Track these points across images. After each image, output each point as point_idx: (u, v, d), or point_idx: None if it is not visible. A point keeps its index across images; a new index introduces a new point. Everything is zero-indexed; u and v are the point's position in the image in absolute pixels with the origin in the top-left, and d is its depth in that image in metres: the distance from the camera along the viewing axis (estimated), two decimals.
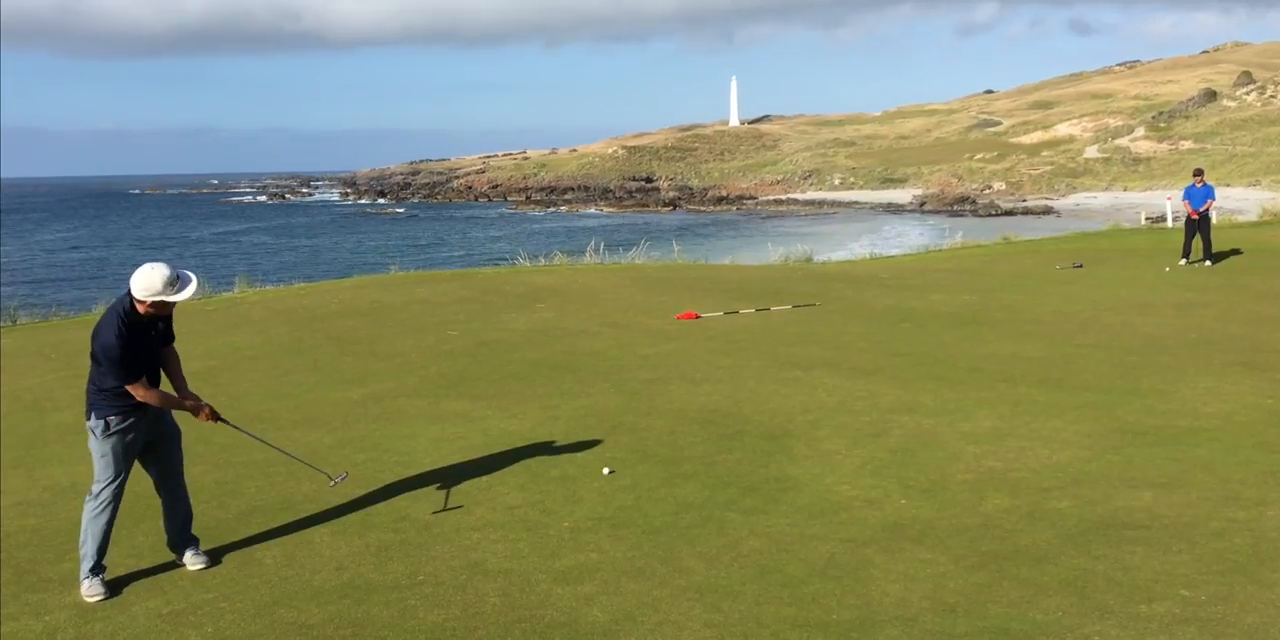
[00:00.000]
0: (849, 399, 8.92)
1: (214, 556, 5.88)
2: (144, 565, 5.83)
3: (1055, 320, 12.80)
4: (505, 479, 7.10)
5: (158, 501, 6.88)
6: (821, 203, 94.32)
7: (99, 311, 16.53)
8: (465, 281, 17.44)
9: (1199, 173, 19.32)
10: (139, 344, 5.48)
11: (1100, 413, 8.11)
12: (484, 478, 7.14)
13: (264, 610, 5.16)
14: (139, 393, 5.47)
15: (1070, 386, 9.06)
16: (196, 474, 7.49)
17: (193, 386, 10.42)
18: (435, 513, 6.41)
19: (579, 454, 7.58)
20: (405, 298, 15.74)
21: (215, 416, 5.87)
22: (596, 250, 22.09)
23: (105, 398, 5.51)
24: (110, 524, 5.59)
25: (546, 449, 7.76)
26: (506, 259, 24.91)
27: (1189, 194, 18.87)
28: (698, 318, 13.50)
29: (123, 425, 5.54)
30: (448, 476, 7.19)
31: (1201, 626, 4.55)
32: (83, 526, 5.58)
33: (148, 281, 5.41)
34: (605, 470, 7.10)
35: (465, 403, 9.32)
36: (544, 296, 15.61)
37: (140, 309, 5.49)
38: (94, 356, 5.51)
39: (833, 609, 4.87)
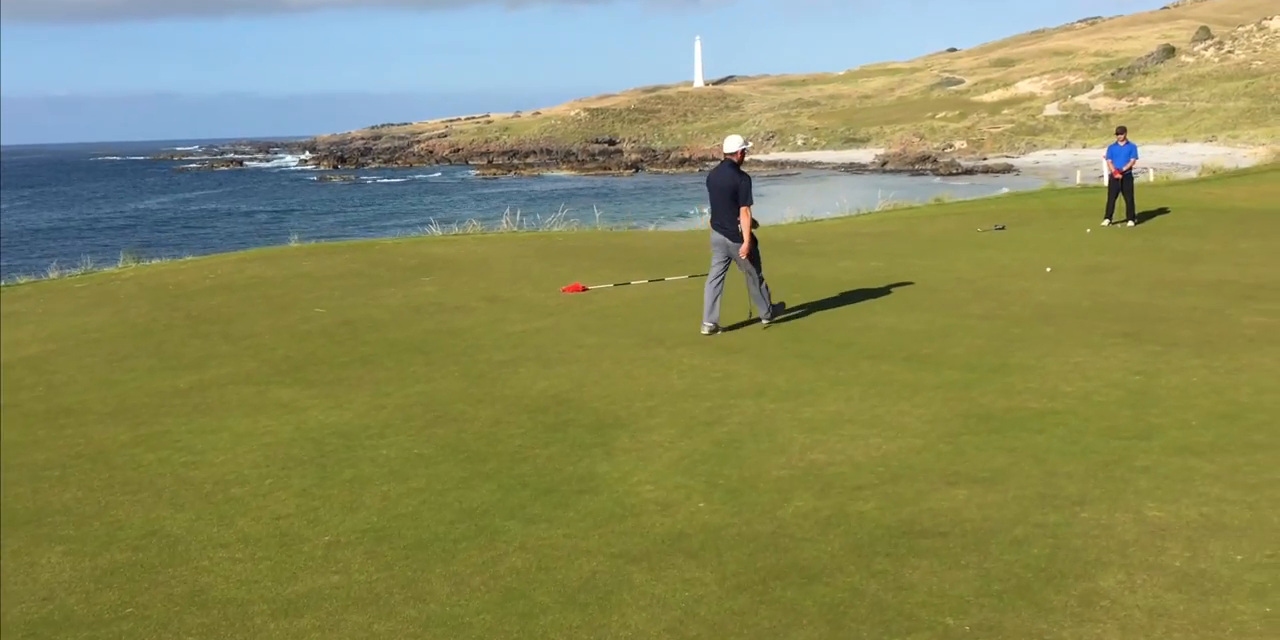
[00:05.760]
0: (700, 381, 8.33)
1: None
2: None
3: (953, 288, 12.24)
4: (289, 482, 6.46)
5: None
6: (784, 163, 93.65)
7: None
8: (357, 253, 16.67)
9: (1122, 131, 18.74)
10: None
11: (954, 394, 7.55)
12: (268, 480, 6.51)
13: None
14: (749, 214, 9.59)
15: (936, 363, 8.50)
16: None
17: (19, 374, 9.86)
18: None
19: (384, 452, 6.96)
20: (287, 272, 14.98)
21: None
22: (513, 216, 21.31)
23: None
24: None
25: (353, 445, 7.13)
26: (424, 227, 24.08)
27: (1112, 153, 18.30)
28: (585, 290, 12.85)
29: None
30: (230, 481, 6.55)
31: None
32: (755, 296, 10.05)
33: (737, 139, 9.93)
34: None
35: (295, 390, 8.68)
36: (434, 268, 14.91)
37: (737, 158, 9.74)
38: (732, 197, 9.58)
39: None
